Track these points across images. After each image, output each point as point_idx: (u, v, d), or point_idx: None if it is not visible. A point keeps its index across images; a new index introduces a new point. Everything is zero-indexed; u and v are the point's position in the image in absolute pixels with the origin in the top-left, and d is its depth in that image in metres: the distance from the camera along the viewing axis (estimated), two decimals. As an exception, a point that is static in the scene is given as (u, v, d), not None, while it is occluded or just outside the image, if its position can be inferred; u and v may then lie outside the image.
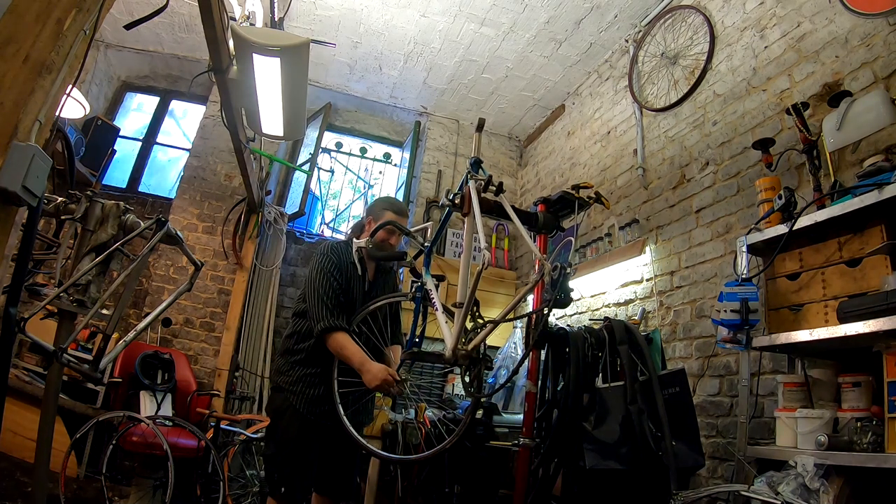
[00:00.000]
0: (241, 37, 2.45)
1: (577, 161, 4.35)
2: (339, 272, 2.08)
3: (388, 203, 2.30)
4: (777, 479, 1.55)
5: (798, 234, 1.86)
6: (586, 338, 2.08)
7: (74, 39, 1.19)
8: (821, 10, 2.35)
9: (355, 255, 2.14)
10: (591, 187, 2.09)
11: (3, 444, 2.85)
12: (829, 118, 1.97)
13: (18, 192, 1.09)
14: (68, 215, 1.70)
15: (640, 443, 1.82)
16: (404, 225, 2.19)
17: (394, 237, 2.19)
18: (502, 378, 3.56)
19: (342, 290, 2.07)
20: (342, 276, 2.09)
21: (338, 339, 1.96)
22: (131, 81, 5.29)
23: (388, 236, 2.18)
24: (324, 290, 2.02)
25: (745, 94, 2.72)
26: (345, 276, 2.10)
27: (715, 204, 2.76)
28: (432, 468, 2.71)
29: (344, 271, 2.11)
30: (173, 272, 4.39)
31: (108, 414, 3.08)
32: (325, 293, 2.02)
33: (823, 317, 1.74)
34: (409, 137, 5.49)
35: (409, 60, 4.59)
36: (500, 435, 2.73)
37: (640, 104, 3.57)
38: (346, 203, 5.67)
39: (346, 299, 2.09)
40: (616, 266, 3.38)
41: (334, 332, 1.96)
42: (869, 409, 1.59)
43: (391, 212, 2.20)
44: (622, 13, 3.71)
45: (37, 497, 1.55)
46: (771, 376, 2.16)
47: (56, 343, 1.61)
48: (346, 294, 2.10)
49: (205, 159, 4.73)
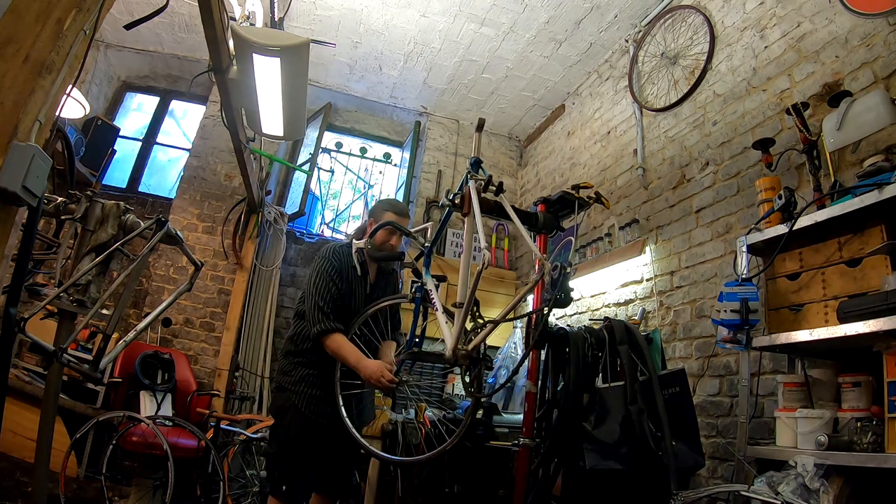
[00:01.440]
0: (241, 37, 2.45)
1: (577, 161, 4.35)
2: (339, 276, 2.10)
3: (389, 204, 2.32)
4: (777, 479, 1.55)
5: (798, 234, 1.86)
6: (586, 338, 2.08)
7: (74, 39, 1.19)
8: (821, 10, 2.35)
9: (356, 257, 2.16)
10: (591, 187, 2.09)
11: (3, 444, 2.85)
12: (829, 118, 1.97)
13: (18, 192, 1.09)
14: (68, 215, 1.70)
15: (640, 443, 1.82)
16: (405, 226, 2.21)
17: (394, 238, 2.20)
18: (502, 378, 3.56)
19: (341, 293, 2.09)
20: (342, 279, 2.11)
21: (334, 341, 1.99)
22: (131, 81, 5.29)
23: (389, 237, 2.19)
24: (320, 294, 2.04)
25: (745, 94, 2.72)
26: (345, 279, 2.12)
27: (715, 204, 2.76)
28: (432, 468, 2.71)
29: (345, 274, 2.12)
30: (173, 272, 4.39)
31: (108, 414, 3.08)
32: (321, 297, 2.03)
33: (823, 317, 1.74)
34: (409, 137, 5.49)
35: (409, 60, 4.59)
36: (500, 435, 2.73)
37: (640, 104, 3.57)
38: (346, 203, 5.67)
39: (347, 302, 2.11)
40: (616, 266, 3.37)
41: (330, 334, 1.99)
42: (869, 409, 1.59)
43: (392, 213, 2.22)
44: (622, 13, 3.71)
45: (37, 497, 1.55)
46: (771, 376, 2.16)
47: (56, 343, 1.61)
48: (347, 297, 2.12)
49: (205, 159, 4.73)
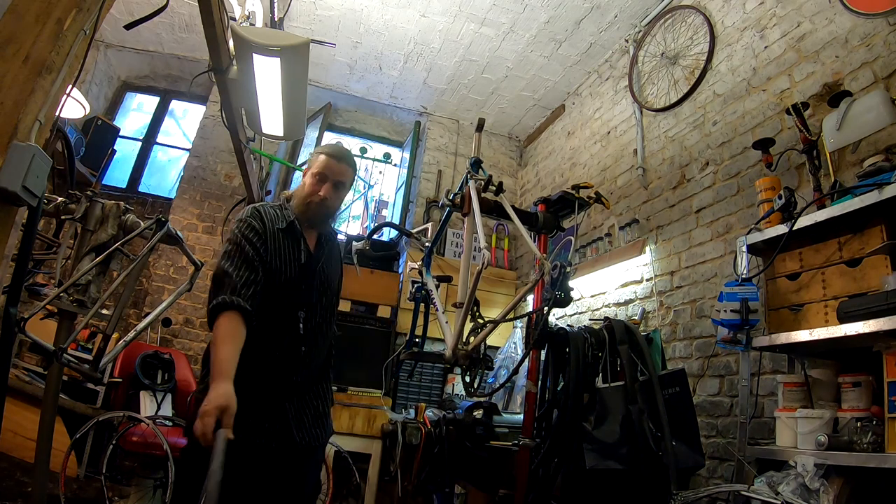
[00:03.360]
0: (241, 37, 2.45)
1: (577, 161, 4.35)
2: (262, 240, 1.56)
3: (325, 147, 1.77)
4: (777, 479, 1.55)
5: (798, 234, 1.86)
6: (586, 338, 2.08)
7: (74, 39, 1.19)
8: (821, 10, 2.35)
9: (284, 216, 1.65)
10: (591, 187, 2.09)
11: (3, 444, 2.85)
12: (829, 118, 1.97)
13: (18, 192, 1.09)
14: (68, 215, 1.70)
15: (640, 443, 1.82)
16: (346, 172, 1.71)
17: (324, 187, 1.67)
18: (502, 378, 3.57)
19: (263, 260, 1.53)
20: (264, 244, 1.56)
21: (220, 325, 1.37)
22: (131, 81, 5.29)
23: (317, 186, 1.67)
24: (231, 260, 1.49)
25: (745, 94, 2.72)
26: (272, 244, 1.58)
27: (715, 204, 2.76)
28: (432, 468, 2.71)
29: (271, 239, 1.58)
30: (173, 272, 4.39)
31: (108, 414, 3.08)
32: (231, 262, 1.48)
33: (823, 317, 1.74)
34: (409, 137, 5.49)
35: (409, 60, 4.59)
36: (500, 435, 2.73)
37: (640, 104, 3.57)
38: (346, 203, 5.67)
39: (276, 275, 1.56)
40: (616, 266, 3.38)
41: (225, 311, 1.38)
42: (869, 409, 1.59)
43: (325, 155, 1.70)
44: (622, 13, 3.71)
45: (37, 497, 1.55)
46: (771, 376, 2.16)
47: (56, 343, 1.61)
48: (276, 268, 1.57)
49: (205, 159, 4.74)
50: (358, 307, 4.21)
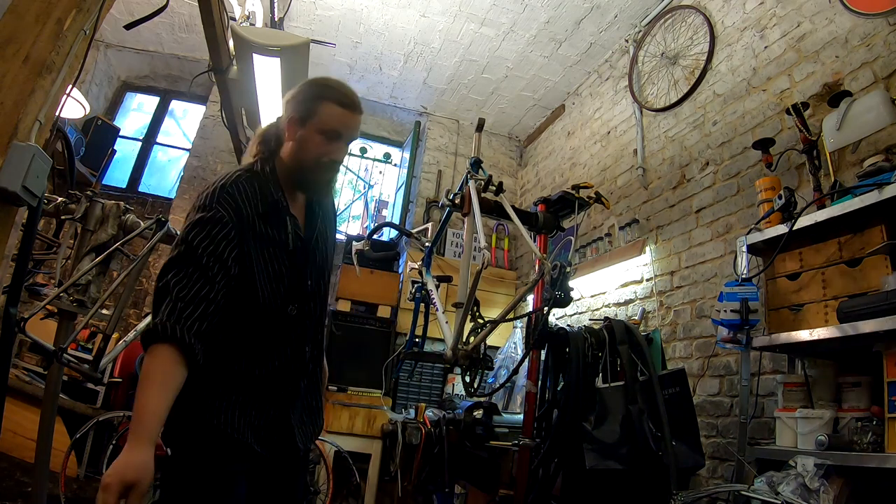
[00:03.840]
0: (241, 37, 2.45)
1: (577, 161, 4.35)
2: (229, 241, 1.14)
3: (325, 88, 1.26)
4: (777, 479, 1.55)
5: (798, 234, 1.86)
6: (586, 338, 2.08)
7: (74, 39, 1.19)
8: (821, 10, 2.35)
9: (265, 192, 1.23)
10: (591, 187, 2.09)
11: (3, 444, 2.85)
12: (829, 118, 1.97)
13: (18, 192, 1.09)
14: (68, 215, 1.70)
15: (640, 443, 1.82)
16: (359, 125, 1.31)
17: (337, 147, 1.26)
18: (502, 378, 3.57)
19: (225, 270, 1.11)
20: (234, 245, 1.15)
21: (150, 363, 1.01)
22: (131, 81, 5.29)
23: (328, 145, 1.25)
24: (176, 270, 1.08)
25: (745, 94, 2.72)
26: (250, 241, 1.18)
27: (715, 204, 2.76)
28: (432, 468, 2.71)
29: (248, 232, 1.18)
30: (173, 272, 4.39)
31: (108, 414, 3.08)
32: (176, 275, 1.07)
33: (823, 317, 1.74)
34: (409, 137, 5.49)
35: (409, 60, 4.59)
36: (500, 435, 2.73)
37: (640, 104, 3.57)
38: (346, 203, 5.67)
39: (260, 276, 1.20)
40: (616, 266, 3.38)
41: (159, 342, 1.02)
42: (869, 409, 1.59)
43: (337, 105, 1.24)
44: (622, 13, 3.71)
45: (37, 497, 1.55)
46: (771, 376, 2.16)
47: (56, 343, 1.61)
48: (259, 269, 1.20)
49: (205, 159, 4.74)
50: (358, 307, 4.21)
